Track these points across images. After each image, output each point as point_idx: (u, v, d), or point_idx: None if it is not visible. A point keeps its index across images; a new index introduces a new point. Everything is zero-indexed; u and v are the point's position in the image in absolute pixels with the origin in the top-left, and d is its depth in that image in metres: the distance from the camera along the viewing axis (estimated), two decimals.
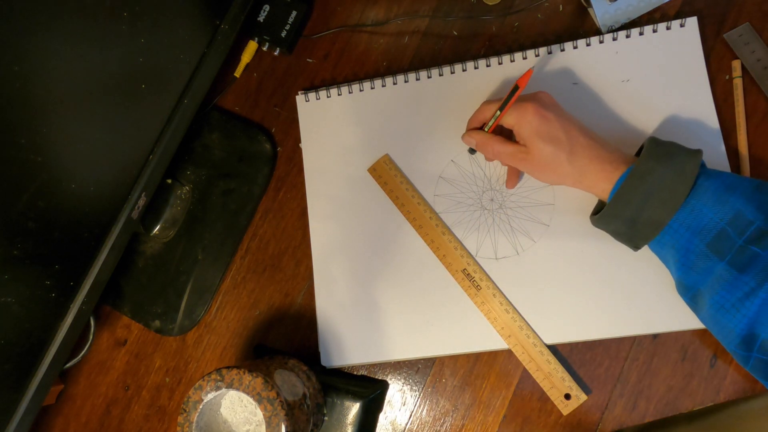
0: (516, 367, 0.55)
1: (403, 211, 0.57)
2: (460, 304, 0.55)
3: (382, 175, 0.58)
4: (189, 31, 0.53)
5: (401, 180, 0.57)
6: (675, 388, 0.52)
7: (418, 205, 0.56)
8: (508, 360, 0.55)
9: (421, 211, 0.56)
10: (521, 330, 0.53)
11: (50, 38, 0.41)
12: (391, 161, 0.58)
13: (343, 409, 0.55)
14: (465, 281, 0.55)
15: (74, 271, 0.50)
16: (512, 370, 0.55)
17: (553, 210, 0.55)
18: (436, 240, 0.56)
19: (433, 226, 0.56)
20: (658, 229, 0.45)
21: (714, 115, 0.53)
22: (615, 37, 0.56)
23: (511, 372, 0.55)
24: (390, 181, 0.57)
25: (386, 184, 0.57)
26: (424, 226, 0.56)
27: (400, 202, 0.57)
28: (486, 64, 0.58)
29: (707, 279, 0.44)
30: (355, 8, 0.63)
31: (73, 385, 0.63)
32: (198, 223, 0.62)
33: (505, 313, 0.54)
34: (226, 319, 0.61)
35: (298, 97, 0.61)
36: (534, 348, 0.53)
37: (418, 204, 0.56)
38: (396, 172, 0.57)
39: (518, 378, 0.55)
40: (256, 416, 0.51)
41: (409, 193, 0.57)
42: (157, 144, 0.53)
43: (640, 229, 0.46)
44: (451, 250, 0.55)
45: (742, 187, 0.44)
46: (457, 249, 0.55)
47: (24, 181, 0.42)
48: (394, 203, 0.57)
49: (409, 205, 0.57)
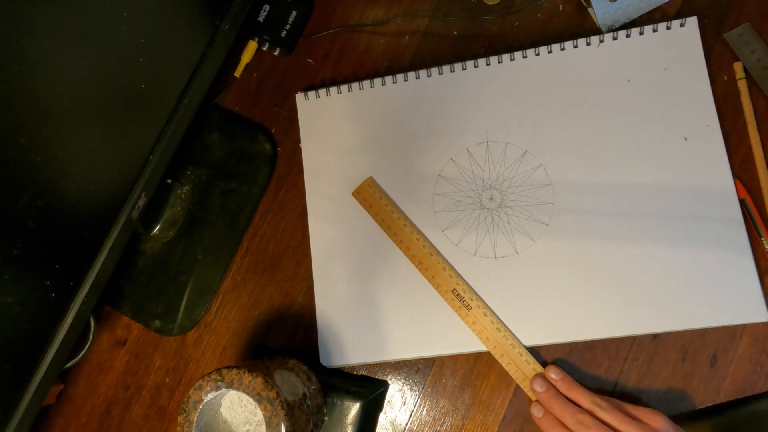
0: None
1: (390, 233, 0.56)
2: None
3: (367, 198, 0.57)
4: (189, 31, 0.53)
5: (386, 202, 0.57)
6: (675, 388, 0.52)
7: (404, 227, 0.56)
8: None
9: (407, 233, 0.56)
10: (514, 348, 0.53)
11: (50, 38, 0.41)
12: (376, 184, 0.57)
13: (343, 409, 0.55)
14: (455, 301, 0.54)
15: (74, 271, 0.50)
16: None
17: (552, 209, 0.55)
18: (424, 261, 0.55)
19: (421, 247, 0.56)
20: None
21: (714, 115, 0.53)
22: (615, 36, 0.56)
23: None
24: (375, 204, 0.57)
25: (371, 207, 0.57)
26: (412, 248, 0.56)
27: (386, 224, 0.57)
28: (486, 63, 0.58)
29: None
30: (355, 8, 0.63)
31: (73, 385, 0.63)
32: (198, 223, 0.62)
33: (497, 332, 0.53)
34: (226, 319, 0.61)
35: (298, 96, 0.61)
36: (527, 366, 0.53)
37: (404, 226, 0.56)
38: (381, 194, 0.57)
39: None
40: (256, 416, 0.51)
41: (395, 215, 0.56)
42: (157, 144, 0.53)
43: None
44: (440, 270, 0.55)
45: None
46: (446, 269, 0.55)
47: (24, 181, 0.42)
48: (380, 226, 0.57)
49: (395, 227, 0.56)
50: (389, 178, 0.58)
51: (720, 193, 0.52)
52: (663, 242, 0.53)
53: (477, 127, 0.57)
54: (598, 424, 0.47)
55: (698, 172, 0.53)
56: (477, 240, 0.56)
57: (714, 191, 0.52)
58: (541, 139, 0.56)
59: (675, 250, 0.52)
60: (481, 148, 0.57)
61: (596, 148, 0.55)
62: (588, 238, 0.54)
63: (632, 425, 0.46)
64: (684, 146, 0.53)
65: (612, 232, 0.53)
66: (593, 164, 0.55)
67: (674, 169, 0.53)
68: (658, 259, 0.52)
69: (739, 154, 0.53)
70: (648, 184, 0.53)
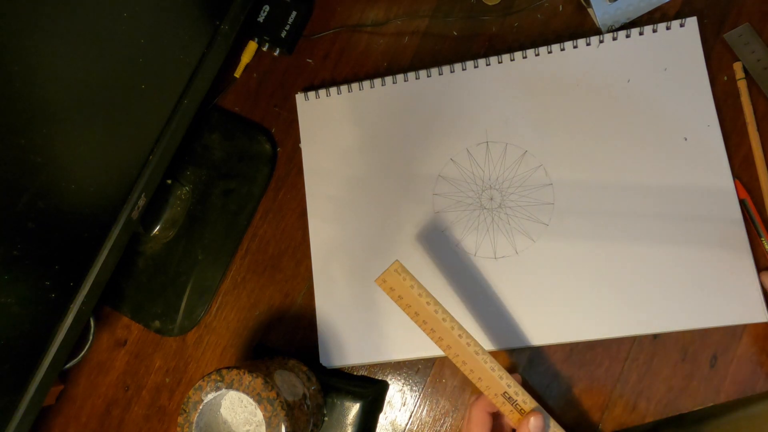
0: (515, 367, 0.55)
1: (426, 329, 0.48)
2: (459, 304, 0.55)
3: (395, 287, 0.48)
4: (189, 31, 0.53)
5: (418, 291, 0.48)
6: (675, 388, 0.52)
7: (443, 321, 0.48)
8: (508, 360, 0.55)
9: (447, 327, 0.47)
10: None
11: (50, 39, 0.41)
12: (404, 269, 0.48)
13: (343, 409, 0.55)
14: (506, 405, 0.47)
15: (74, 271, 0.50)
16: (511, 370, 0.55)
17: (552, 209, 0.55)
18: (469, 362, 0.47)
19: (457, 338, 0.47)
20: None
21: (714, 115, 0.53)
22: (615, 37, 0.56)
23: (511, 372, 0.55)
24: (405, 294, 0.48)
25: (401, 298, 0.48)
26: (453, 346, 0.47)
27: (421, 319, 0.48)
28: (486, 63, 0.58)
29: None
30: (355, 8, 0.63)
31: (73, 385, 0.63)
32: (198, 223, 0.62)
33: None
34: (226, 320, 0.61)
35: (298, 96, 0.61)
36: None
37: (443, 320, 0.48)
38: (412, 282, 0.48)
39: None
40: (256, 417, 0.51)
41: (430, 307, 0.47)
42: (157, 144, 0.53)
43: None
44: (488, 371, 0.47)
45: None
46: (495, 370, 0.47)
47: (24, 182, 0.42)
48: (413, 319, 0.48)
49: (431, 320, 0.48)
50: (389, 178, 0.58)
51: (720, 193, 0.52)
52: (663, 242, 0.53)
53: (477, 127, 0.57)
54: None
55: (698, 172, 0.53)
56: (477, 240, 0.56)
57: (714, 191, 0.52)
58: (541, 139, 0.56)
59: (675, 250, 0.52)
60: (481, 148, 0.57)
61: (596, 149, 0.55)
62: (588, 239, 0.54)
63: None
64: (684, 146, 0.53)
65: (612, 232, 0.53)
66: (593, 164, 0.55)
67: (674, 169, 0.53)
68: (658, 259, 0.52)
69: (739, 154, 0.53)
70: (648, 184, 0.53)
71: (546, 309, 0.54)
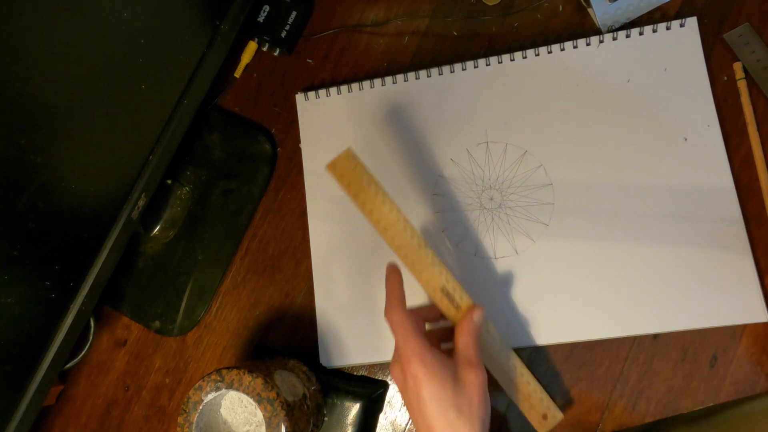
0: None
1: (372, 219, 0.48)
2: None
3: (345, 174, 0.47)
4: (189, 31, 0.53)
5: (368, 180, 0.47)
6: (675, 388, 0.52)
7: (389, 213, 0.47)
8: None
9: (392, 219, 0.47)
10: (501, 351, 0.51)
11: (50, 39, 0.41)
12: (355, 156, 0.47)
13: (343, 409, 0.55)
14: (444, 301, 0.47)
15: (74, 271, 0.50)
16: None
17: (552, 209, 0.55)
18: (410, 255, 0.47)
19: (408, 237, 0.47)
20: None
21: (714, 115, 0.53)
22: (615, 37, 0.56)
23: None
24: (354, 182, 0.47)
25: (350, 185, 0.47)
26: (395, 237, 0.47)
27: (368, 208, 0.47)
28: (486, 64, 0.58)
29: None
30: (355, 8, 0.63)
31: (73, 385, 0.63)
32: (198, 223, 0.62)
33: (486, 333, 0.51)
34: (226, 320, 0.61)
35: (298, 96, 0.61)
36: (514, 370, 0.51)
37: (389, 212, 0.47)
38: (362, 170, 0.47)
39: None
40: (256, 417, 0.51)
41: (378, 197, 0.47)
42: (157, 144, 0.53)
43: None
44: (428, 265, 0.47)
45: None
46: (435, 265, 0.47)
47: (24, 182, 0.42)
48: (360, 209, 0.47)
49: (376, 210, 0.47)
50: (389, 178, 0.58)
51: (720, 193, 0.52)
52: (663, 242, 0.52)
53: (477, 128, 0.57)
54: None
55: (698, 172, 0.53)
56: (477, 240, 0.56)
57: (714, 191, 0.52)
58: (541, 139, 0.56)
59: (675, 250, 0.52)
60: (480, 148, 0.57)
61: (596, 149, 0.55)
62: (588, 239, 0.54)
63: None
64: (684, 146, 0.53)
65: (612, 232, 0.53)
66: (593, 165, 0.55)
67: (674, 169, 0.53)
68: (658, 259, 0.52)
69: (739, 154, 0.53)
70: (648, 184, 0.53)
71: (546, 309, 0.54)
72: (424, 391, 0.42)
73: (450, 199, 0.57)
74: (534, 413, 0.51)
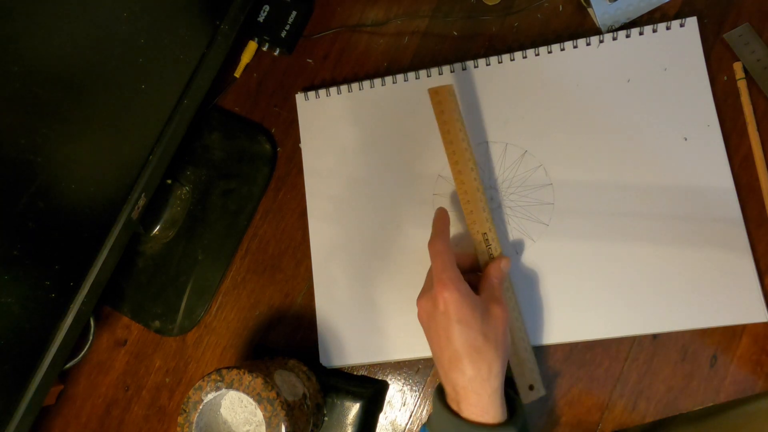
0: None
1: (448, 151, 0.53)
2: None
3: (442, 103, 0.53)
4: (189, 31, 0.53)
5: (458, 117, 0.52)
6: (675, 388, 0.52)
7: (465, 150, 0.52)
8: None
9: (465, 158, 0.52)
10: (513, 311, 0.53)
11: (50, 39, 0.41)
12: (455, 94, 0.53)
13: (343, 409, 0.55)
14: (482, 245, 0.52)
15: (74, 271, 0.50)
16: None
17: (552, 209, 0.55)
18: (469, 194, 0.52)
19: (472, 179, 0.52)
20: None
21: (714, 115, 0.53)
22: (615, 37, 0.56)
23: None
24: (447, 112, 0.52)
25: (442, 113, 0.53)
26: (463, 174, 0.52)
27: (448, 139, 0.52)
28: (486, 63, 0.58)
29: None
30: (355, 8, 0.63)
31: (73, 385, 0.63)
32: (198, 223, 0.62)
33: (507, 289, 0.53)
34: (226, 320, 0.61)
35: (298, 96, 0.61)
36: (519, 333, 0.52)
37: (465, 150, 0.52)
38: (456, 107, 0.52)
39: None
40: (256, 416, 0.51)
41: (461, 135, 0.52)
42: (157, 144, 0.53)
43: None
44: (480, 210, 0.52)
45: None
46: (485, 211, 0.52)
47: (24, 182, 0.42)
48: (441, 136, 0.53)
49: (457, 147, 0.52)
50: (389, 178, 0.58)
51: (720, 193, 0.52)
52: (663, 242, 0.53)
53: (477, 127, 0.57)
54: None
55: (698, 172, 0.53)
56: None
57: (714, 191, 0.52)
58: (541, 139, 0.56)
59: (675, 250, 0.52)
60: (480, 148, 0.57)
61: (596, 149, 0.55)
62: (588, 239, 0.54)
63: None
64: (684, 146, 0.53)
65: (612, 232, 0.53)
66: (593, 164, 0.55)
67: (674, 169, 0.53)
68: (658, 259, 0.52)
69: (739, 154, 0.53)
70: (648, 184, 0.53)
71: (546, 309, 0.54)
72: (455, 315, 0.45)
73: (450, 198, 0.57)
74: (523, 381, 0.52)
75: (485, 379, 0.44)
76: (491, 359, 0.44)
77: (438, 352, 0.46)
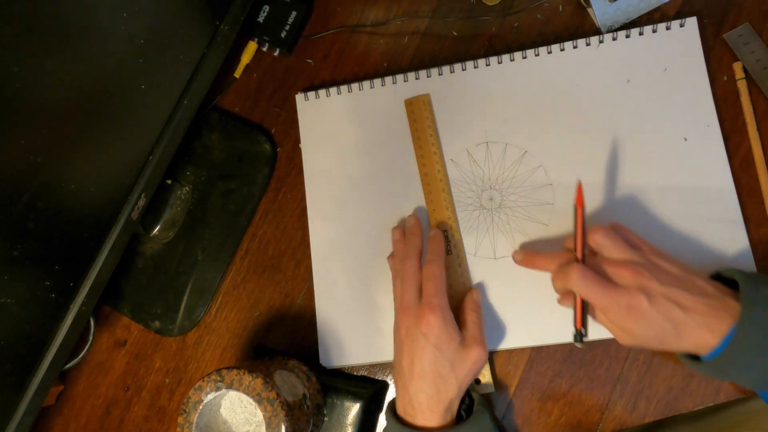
0: (516, 367, 0.55)
1: (417, 154, 0.57)
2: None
3: (415, 111, 0.57)
4: (189, 31, 0.53)
5: (430, 125, 0.57)
6: (675, 388, 0.52)
7: (433, 155, 0.56)
8: (507, 360, 0.55)
9: (433, 163, 0.56)
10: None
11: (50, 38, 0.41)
12: (430, 102, 0.58)
13: (343, 409, 0.55)
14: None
15: (74, 271, 0.50)
16: (512, 370, 0.55)
17: (552, 210, 0.55)
18: (434, 194, 0.56)
19: (437, 180, 0.56)
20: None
21: (714, 115, 0.53)
22: (615, 37, 0.56)
23: (511, 372, 0.55)
24: (419, 120, 0.57)
25: (415, 121, 0.57)
26: (429, 175, 0.56)
27: (418, 144, 0.57)
28: (486, 64, 0.58)
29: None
30: (355, 8, 0.63)
31: (73, 385, 0.63)
32: (198, 223, 0.62)
33: (463, 286, 0.55)
34: (226, 320, 0.61)
35: (298, 97, 0.61)
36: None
37: (434, 154, 0.56)
38: (429, 114, 0.57)
39: (518, 378, 0.55)
40: (256, 417, 0.51)
41: (431, 140, 0.57)
42: (156, 144, 0.53)
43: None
44: (443, 210, 0.56)
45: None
46: (448, 209, 0.56)
47: (24, 182, 0.42)
48: (413, 144, 0.57)
49: (425, 150, 0.57)
50: (389, 178, 0.58)
51: (720, 193, 0.52)
52: (663, 242, 0.52)
53: (476, 128, 0.57)
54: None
55: (698, 172, 0.53)
56: (477, 240, 0.56)
57: (714, 191, 0.52)
58: (541, 139, 0.56)
59: (675, 250, 0.52)
60: (480, 148, 0.57)
61: (596, 149, 0.55)
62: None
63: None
64: (684, 146, 0.53)
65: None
66: (593, 165, 0.55)
67: (674, 169, 0.53)
68: None
69: (739, 154, 0.53)
70: (647, 184, 0.53)
71: (546, 309, 0.53)
72: (434, 339, 0.47)
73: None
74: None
75: (441, 400, 0.47)
76: (449, 388, 0.48)
77: (405, 364, 0.49)
